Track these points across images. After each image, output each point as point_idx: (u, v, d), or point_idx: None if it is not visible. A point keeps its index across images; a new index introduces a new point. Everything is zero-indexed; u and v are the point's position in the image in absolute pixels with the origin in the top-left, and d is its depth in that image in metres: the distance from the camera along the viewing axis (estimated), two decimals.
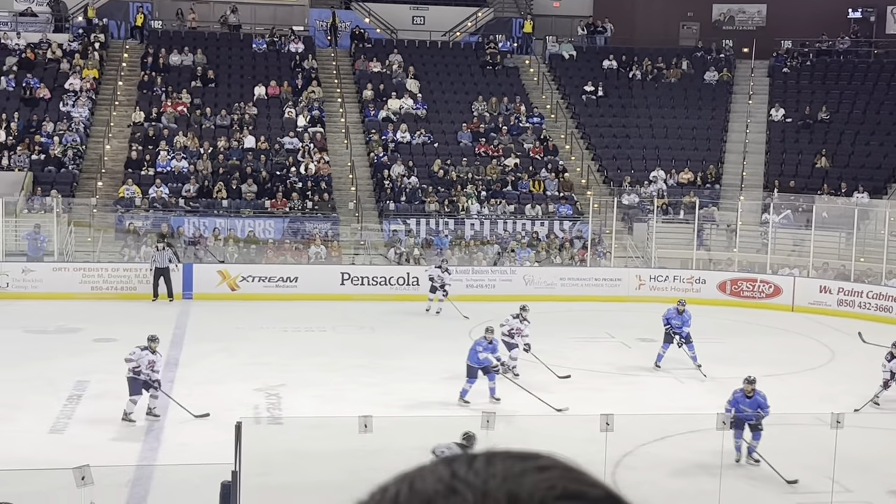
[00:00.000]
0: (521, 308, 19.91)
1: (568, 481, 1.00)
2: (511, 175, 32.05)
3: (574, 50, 38.16)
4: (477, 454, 1.03)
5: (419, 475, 1.01)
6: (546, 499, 0.97)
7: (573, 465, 1.04)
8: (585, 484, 1.01)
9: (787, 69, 36.85)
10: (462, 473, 0.99)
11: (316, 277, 27.31)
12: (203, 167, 30.57)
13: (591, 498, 0.99)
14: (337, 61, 36.75)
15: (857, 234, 28.77)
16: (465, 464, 1.01)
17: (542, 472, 1.00)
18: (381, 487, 1.02)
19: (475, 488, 0.97)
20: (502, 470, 1.00)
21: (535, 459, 1.02)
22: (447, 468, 1.01)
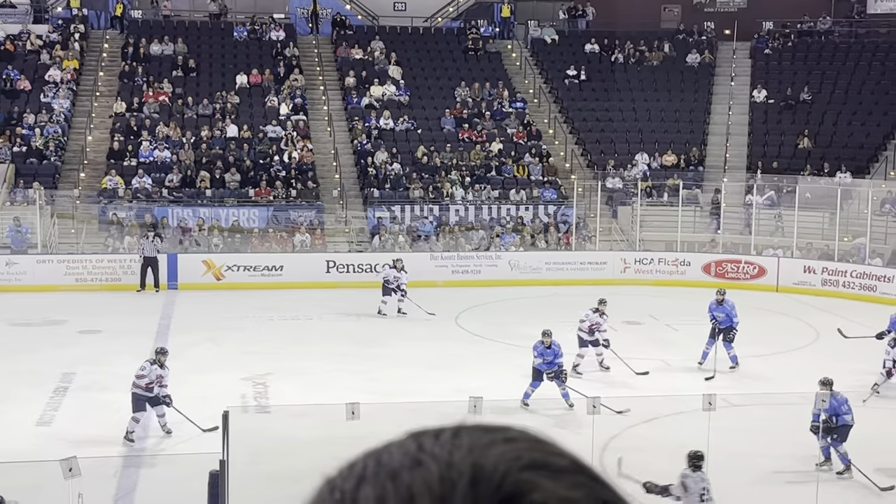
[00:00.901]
0: (598, 302, 19.05)
1: (534, 452, 1.00)
2: (495, 160, 32.04)
3: (556, 34, 38.11)
4: (445, 427, 1.03)
5: (386, 449, 1.02)
6: (511, 469, 0.97)
7: (541, 437, 1.04)
8: (551, 454, 1.01)
9: (769, 50, 36.89)
10: (428, 446, 1.00)
11: (301, 265, 27.29)
12: (186, 157, 30.46)
13: (555, 467, 0.99)
14: (319, 48, 36.64)
15: (841, 213, 28.88)
16: (432, 437, 1.01)
17: (508, 443, 1.00)
18: (349, 463, 1.02)
19: (440, 460, 0.98)
20: (468, 442, 1.00)
21: (503, 431, 1.02)
22: (414, 441, 1.01)
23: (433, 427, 1.04)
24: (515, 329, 22.47)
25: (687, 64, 36.74)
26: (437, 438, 1.01)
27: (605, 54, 37.19)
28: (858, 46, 36.68)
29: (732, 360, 19.29)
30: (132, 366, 18.69)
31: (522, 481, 0.96)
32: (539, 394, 16.46)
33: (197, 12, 38.26)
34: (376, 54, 35.78)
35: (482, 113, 33.84)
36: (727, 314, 19.37)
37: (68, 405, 16.58)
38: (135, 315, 23.34)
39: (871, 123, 33.18)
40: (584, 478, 1.01)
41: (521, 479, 0.97)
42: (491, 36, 37.97)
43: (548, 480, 0.97)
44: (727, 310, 19.40)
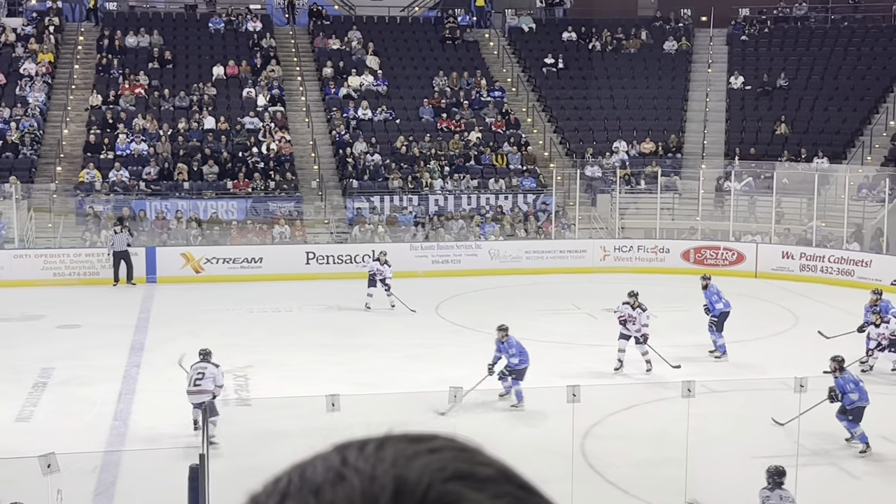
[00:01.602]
0: (629, 294, 18.42)
1: (459, 462, 0.98)
2: (474, 149, 32.03)
3: (533, 23, 38.10)
4: (371, 438, 1.02)
5: (311, 463, 1.00)
6: (434, 481, 0.95)
7: (469, 445, 1.02)
8: (477, 463, 0.99)
9: (746, 37, 36.98)
10: (352, 459, 0.98)
11: (281, 257, 27.23)
12: (163, 149, 30.32)
13: (480, 477, 0.97)
14: (296, 39, 36.51)
15: (818, 199, 29.02)
16: (356, 449, 1.00)
17: (433, 453, 0.98)
18: (274, 478, 1.00)
19: (363, 474, 0.96)
20: (393, 454, 0.98)
21: (429, 441, 1.00)
22: (338, 454, 0.99)
23: (359, 438, 1.02)
24: (496, 318, 22.42)
25: (664, 51, 36.79)
26: (362, 451, 0.99)
27: (583, 42, 37.20)
28: (834, 32, 36.81)
29: (719, 349, 19.29)
30: (111, 360, 18.72)
31: (446, 493, 0.95)
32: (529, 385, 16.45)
33: (173, 3, 38.05)
34: (353, 44, 35.68)
35: (460, 102, 33.81)
36: (709, 301, 19.47)
37: (47, 400, 16.50)
38: (113, 309, 23.25)
39: (847, 109, 33.32)
40: (510, 486, 0.98)
41: (445, 490, 0.95)
42: (468, 25, 37.92)
43: (472, 491, 0.95)
44: (708, 295, 19.50)
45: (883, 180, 28.91)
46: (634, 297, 18.33)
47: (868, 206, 29.23)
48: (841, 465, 13.98)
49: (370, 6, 38.36)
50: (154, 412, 15.73)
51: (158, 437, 14.44)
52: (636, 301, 18.22)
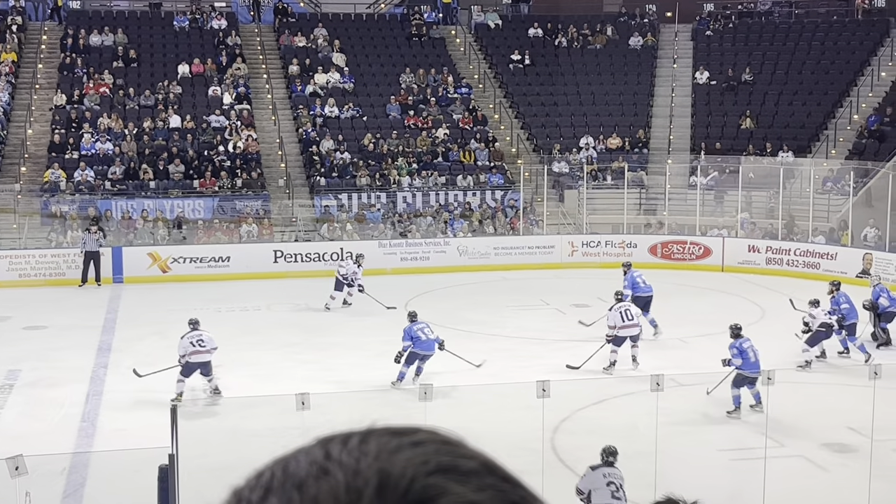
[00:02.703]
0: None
1: (442, 455, 0.98)
2: (441, 146, 32.04)
3: (499, 19, 38.15)
4: (354, 432, 1.02)
5: (294, 457, 1.00)
6: (418, 474, 0.95)
7: (451, 439, 1.02)
8: (460, 456, 0.99)
9: (710, 32, 37.19)
10: (335, 453, 0.98)
11: (248, 256, 27.13)
12: (128, 149, 30.12)
13: (463, 470, 0.98)
14: (261, 37, 36.36)
15: (784, 192, 29.24)
16: (339, 443, 1.00)
17: (416, 447, 0.98)
18: (257, 472, 1.00)
19: (346, 468, 0.96)
20: (375, 447, 0.98)
21: (412, 434, 1.01)
22: (321, 448, 1.00)
23: (342, 432, 1.02)
24: (465, 315, 22.54)
25: (630, 47, 36.94)
26: (345, 445, 0.99)
27: (549, 39, 37.29)
28: (798, 27, 37.09)
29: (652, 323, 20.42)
30: (78, 361, 18.59)
31: (430, 486, 0.95)
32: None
33: (137, 1, 37.80)
34: (319, 42, 35.59)
35: (427, 99, 33.80)
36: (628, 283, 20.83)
37: (14, 402, 16.35)
38: (80, 310, 23.08)
39: (811, 103, 33.58)
40: (493, 479, 0.99)
41: (428, 483, 0.95)
42: (434, 22, 37.90)
43: (456, 484, 0.96)
44: (628, 279, 21.06)
45: (847, 174, 29.16)
46: (618, 294, 18.90)
47: (833, 199, 29.49)
48: (810, 458, 14.11)
49: (336, 3, 38.26)
50: (122, 413, 15.64)
51: (127, 437, 14.35)
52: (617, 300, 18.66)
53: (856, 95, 33.25)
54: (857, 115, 32.74)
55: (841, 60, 34.75)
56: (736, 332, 15.97)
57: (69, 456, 13.69)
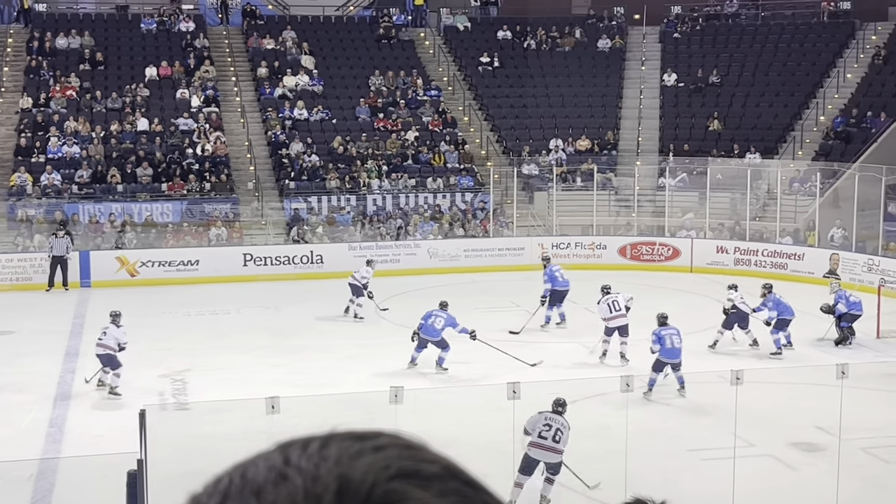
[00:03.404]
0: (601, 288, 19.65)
1: (404, 460, 0.97)
2: (411, 149, 32.02)
3: (468, 21, 38.17)
4: (315, 437, 1.00)
5: (253, 462, 0.98)
6: (379, 480, 0.94)
7: (414, 443, 1.01)
8: (422, 461, 0.98)
9: (678, 34, 37.37)
10: (294, 459, 0.96)
11: (217, 259, 26.99)
12: (96, 152, 29.91)
13: (426, 475, 0.96)
14: (229, 39, 36.21)
15: (751, 193, 29.43)
16: (300, 448, 0.98)
17: (377, 451, 0.97)
18: (215, 478, 0.99)
19: (306, 473, 0.95)
20: (336, 452, 0.97)
21: (374, 439, 0.99)
22: (281, 454, 0.98)
23: (303, 437, 1.00)
24: None
25: (598, 49, 37.07)
26: (305, 449, 0.98)
27: (518, 41, 37.36)
28: (765, 29, 37.35)
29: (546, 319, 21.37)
30: (46, 366, 18.44)
31: (391, 491, 0.93)
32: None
33: (104, 4, 37.56)
34: (288, 44, 35.48)
35: (397, 101, 33.78)
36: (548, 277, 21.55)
37: None
38: (48, 315, 22.88)
39: (778, 105, 33.82)
40: (456, 483, 0.98)
41: (389, 489, 0.94)
42: (403, 24, 37.89)
43: (417, 489, 0.94)
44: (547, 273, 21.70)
45: (814, 174, 29.39)
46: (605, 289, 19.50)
47: (800, 200, 29.71)
48: (779, 457, 14.20)
49: (304, 6, 38.15)
50: (90, 418, 15.54)
51: (95, 442, 14.25)
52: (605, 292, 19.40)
53: (822, 97, 33.52)
54: (824, 116, 33.01)
55: (807, 62, 35.02)
56: (661, 321, 17.23)
57: (37, 462, 13.58)
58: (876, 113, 31.69)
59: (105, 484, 12.05)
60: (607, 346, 18.79)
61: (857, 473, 13.45)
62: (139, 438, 11.00)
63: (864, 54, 34.80)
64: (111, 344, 16.80)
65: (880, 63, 33.92)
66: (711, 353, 19.51)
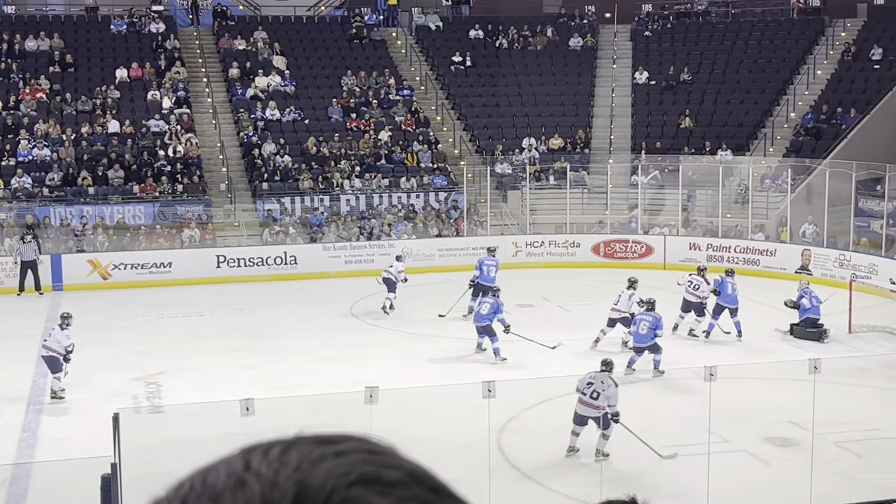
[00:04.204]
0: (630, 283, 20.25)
1: (366, 465, 0.95)
2: (384, 148, 31.98)
3: (440, 21, 38.18)
4: (278, 441, 0.99)
5: (214, 468, 0.97)
6: (338, 486, 0.93)
7: (380, 447, 0.99)
8: (385, 466, 0.96)
9: (649, 32, 37.52)
10: (255, 464, 0.95)
11: (190, 261, 26.87)
12: (66, 154, 29.71)
13: (387, 481, 0.95)
14: (200, 40, 36.05)
15: (723, 190, 29.58)
16: (261, 453, 0.97)
17: (339, 457, 0.96)
18: (177, 483, 0.98)
19: (264, 479, 0.93)
20: (297, 458, 0.95)
21: (338, 443, 0.98)
22: (242, 459, 0.97)
23: (267, 440, 0.99)
24: (410, 317, 22.53)
25: (570, 48, 37.16)
26: (267, 454, 0.96)
27: (490, 40, 37.40)
28: (735, 26, 37.54)
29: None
30: (18, 371, 18.30)
31: (350, 498, 0.92)
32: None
33: (73, 6, 37.31)
34: (259, 45, 35.36)
35: (369, 101, 33.73)
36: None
37: None
38: (19, 319, 22.72)
39: (749, 102, 34.00)
40: (419, 490, 0.96)
41: (348, 496, 0.92)
42: (375, 24, 37.84)
43: (377, 496, 0.93)
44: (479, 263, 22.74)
45: (785, 171, 29.57)
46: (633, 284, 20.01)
47: (771, 197, 29.88)
48: (752, 453, 14.28)
49: (275, 6, 38.04)
50: (63, 422, 15.43)
51: (69, 447, 14.16)
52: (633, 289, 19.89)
53: (792, 94, 33.74)
54: (794, 112, 33.22)
55: (777, 59, 35.23)
56: (648, 307, 18.09)
57: (10, 467, 13.48)
58: (846, 109, 31.91)
59: (79, 488, 11.99)
60: (603, 335, 19.55)
61: (830, 468, 13.55)
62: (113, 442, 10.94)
63: (834, 51, 35.04)
64: (55, 347, 16.65)
65: (850, 59, 34.16)
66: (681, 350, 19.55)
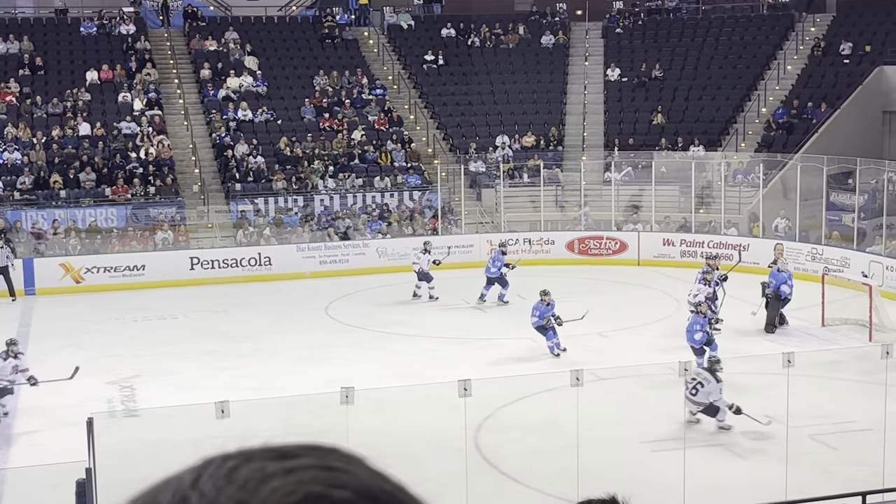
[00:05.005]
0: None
1: (314, 484, 0.92)
2: (357, 148, 31.94)
3: (412, 20, 38.15)
4: (235, 454, 0.96)
5: (166, 483, 0.95)
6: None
7: (336, 463, 0.96)
8: (334, 485, 0.93)
9: (620, 29, 37.63)
10: (202, 481, 0.93)
11: (164, 264, 26.73)
12: (37, 158, 29.51)
13: (333, 500, 0.92)
14: (171, 41, 35.87)
15: (696, 186, 29.70)
16: (214, 467, 0.95)
17: (289, 474, 0.93)
18: (131, 500, 0.97)
19: (205, 499, 0.91)
20: (246, 475, 0.93)
21: (295, 458, 0.95)
22: (193, 474, 0.95)
23: (225, 453, 0.97)
24: (386, 316, 22.54)
25: (542, 45, 37.21)
26: (218, 469, 0.94)
27: (462, 38, 37.41)
28: (705, 22, 37.72)
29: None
30: None
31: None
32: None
33: (42, 8, 37.05)
34: (231, 45, 35.22)
35: (342, 101, 33.67)
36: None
37: None
38: None
39: (720, 97, 34.17)
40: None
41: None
42: (347, 23, 37.77)
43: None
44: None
45: (757, 166, 29.73)
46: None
47: (744, 192, 30.04)
48: (727, 447, 14.36)
49: (246, 6, 37.89)
50: (38, 427, 15.32)
51: (43, 452, 14.07)
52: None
53: (763, 89, 33.92)
54: (765, 108, 33.40)
55: (748, 55, 35.41)
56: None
57: None
58: (816, 104, 32.12)
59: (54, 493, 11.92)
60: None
61: (805, 460, 13.63)
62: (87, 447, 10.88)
63: (804, 46, 35.26)
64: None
65: (820, 54, 34.38)
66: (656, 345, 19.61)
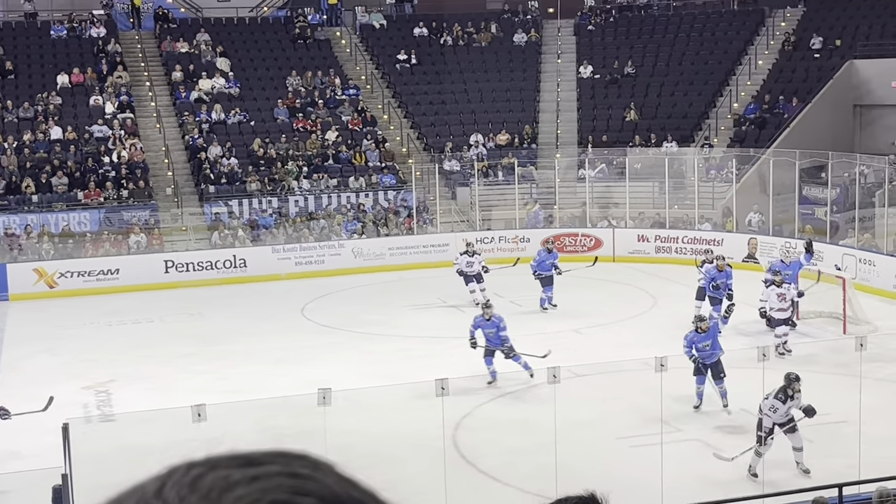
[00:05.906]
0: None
1: (278, 492, 0.91)
2: (332, 149, 31.88)
3: (384, 19, 38.10)
4: (201, 461, 0.95)
5: (130, 493, 0.95)
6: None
7: (303, 470, 0.95)
8: (298, 493, 0.92)
9: (592, 26, 37.72)
10: (166, 489, 0.92)
11: (138, 267, 26.59)
12: (8, 162, 29.30)
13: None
14: (142, 44, 35.68)
15: (669, 182, 29.82)
16: (179, 475, 0.94)
17: (253, 482, 0.92)
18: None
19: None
20: (210, 483, 0.92)
21: (261, 465, 0.94)
22: (158, 482, 0.94)
23: (192, 460, 0.96)
24: (363, 317, 22.50)
25: (514, 43, 37.26)
26: (183, 477, 0.93)
27: (434, 37, 37.39)
28: (677, 19, 37.86)
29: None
30: None
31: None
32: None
33: (11, 12, 36.78)
34: (202, 47, 35.07)
35: (315, 102, 33.60)
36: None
37: None
38: None
39: (692, 93, 34.31)
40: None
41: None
42: (319, 23, 37.69)
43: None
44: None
45: (729, 161, 29.87)
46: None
47: (717, 187, 30.18)
48: (705, 441, 14.41)
49: (217, 7, 37.75)
50: (13, 433, 15.20)
51: (19, 458, 13.98)
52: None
53: (735, 84, 34.09)
54: (737, 103, 33.57)
55: (719, 51, 35.58)
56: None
57: None
58: (788, 98, 32.30)
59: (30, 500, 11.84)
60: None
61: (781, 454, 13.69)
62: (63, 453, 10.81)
63: (775, 41, 35.46)
64: None
65: (790, 49, 34.58)
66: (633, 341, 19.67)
